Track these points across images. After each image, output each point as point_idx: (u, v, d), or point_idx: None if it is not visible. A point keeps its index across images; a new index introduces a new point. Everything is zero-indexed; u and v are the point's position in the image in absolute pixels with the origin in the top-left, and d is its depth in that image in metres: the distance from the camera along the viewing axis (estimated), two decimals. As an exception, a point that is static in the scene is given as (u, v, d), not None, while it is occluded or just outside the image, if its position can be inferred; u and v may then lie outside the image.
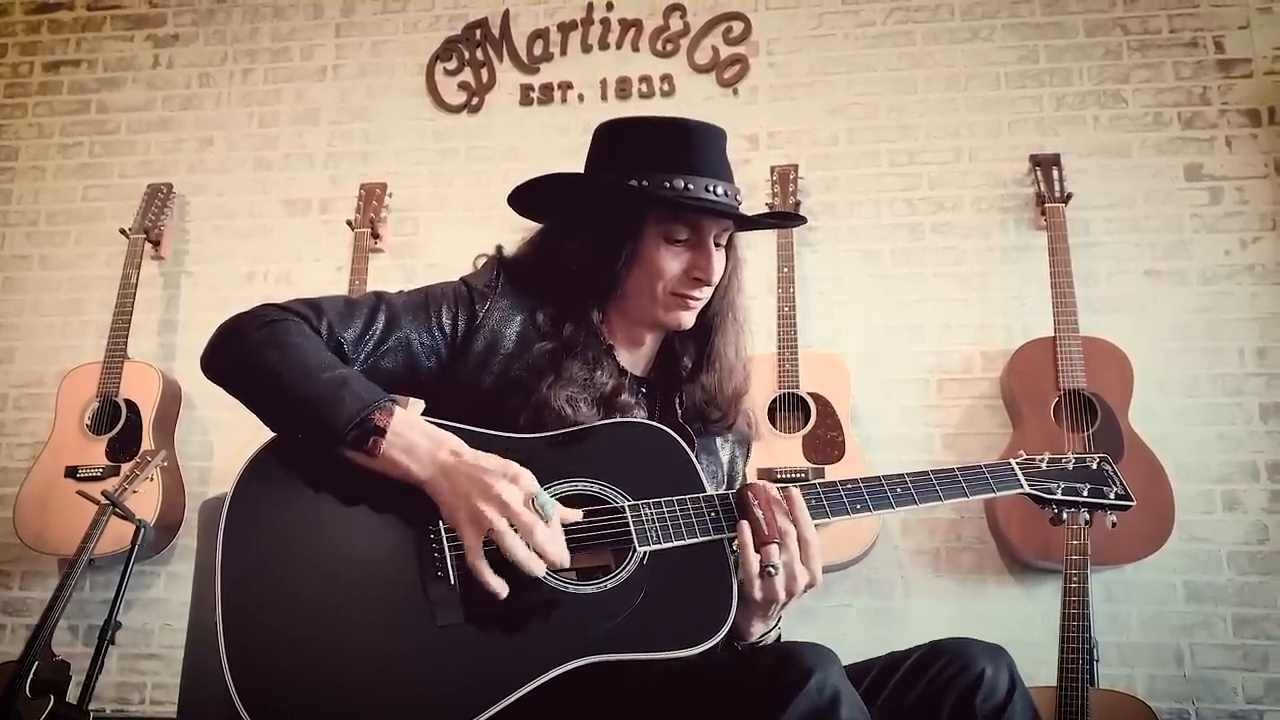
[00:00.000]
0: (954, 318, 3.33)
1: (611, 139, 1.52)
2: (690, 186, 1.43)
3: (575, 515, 1.28)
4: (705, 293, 1.51)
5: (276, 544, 1.24)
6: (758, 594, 1.31)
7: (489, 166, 3.67)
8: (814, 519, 1.37)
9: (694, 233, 1.47)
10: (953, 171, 3.44)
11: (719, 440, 1.61)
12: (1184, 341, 3.20)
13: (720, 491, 1.41)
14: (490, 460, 1.26)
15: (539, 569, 1.21)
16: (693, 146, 1.47)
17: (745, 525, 1.32)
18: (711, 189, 1.44)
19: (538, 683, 1.18)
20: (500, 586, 1.20)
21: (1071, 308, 3.00)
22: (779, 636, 1.45)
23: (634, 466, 1.37)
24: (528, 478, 1.25)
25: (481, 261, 1.58)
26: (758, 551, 1.30)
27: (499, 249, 1.58)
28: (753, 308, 1.67)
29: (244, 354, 1.32)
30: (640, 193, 1.44)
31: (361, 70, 3.83)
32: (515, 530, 1.20)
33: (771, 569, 1.30)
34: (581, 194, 1.51)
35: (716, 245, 1.50)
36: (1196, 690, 2.95)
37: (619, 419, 1.44)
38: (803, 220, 1.76)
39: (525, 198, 1.53)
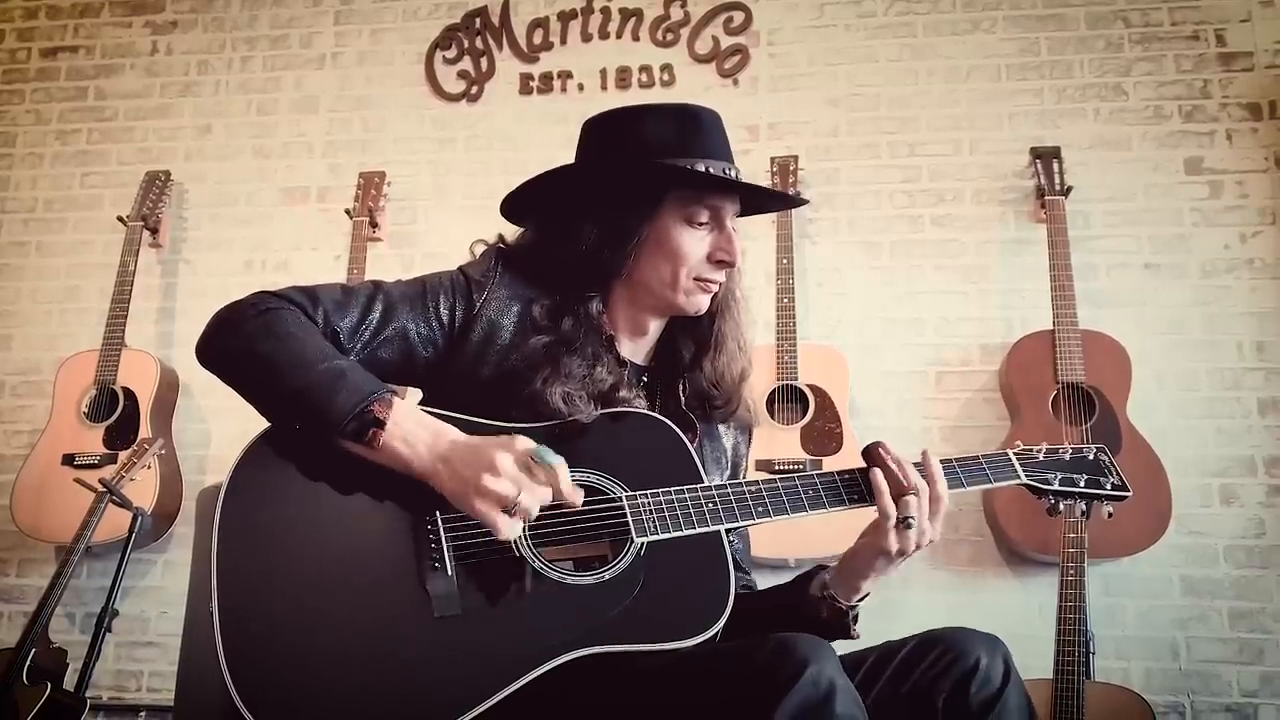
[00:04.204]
0: (953, 310, 3.33)
1: (615, 127, 1.51)
2: (710, 169, 1.44)
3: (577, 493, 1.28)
4: (724, 275, 1.51)
5: (273, 534, 1.23)
6: (893, 545, 1.37)
7: (488, 156, 3.66)
8: (811, 510, 1.37)
9: (713, 215, 1.48)
10: (953, 164, 3.43)
11: (721, 427, 1.60)
12: (1182, 335, 3.19)
13: (719, 482, 1.41)
14: (482, 439, 1.25)
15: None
16: (703, 131, 1.48)
17: (880, 474, 1.37)
18: (726, 171, 1.45)
19: (535, 674, 1.18)
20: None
21: (1070, 301, 3.00)
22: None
23: (632, 457, 1.37)
24: (520, 440, 1.24)
25: (480, 249, 1.57)
26: (895, 502, 1.36)
27: (500, 237, 1.57)
28: (752, 299, 1.67)
29: (239, 343, 1.31)
30: (670, 172, 1.43)
31: (360, 58, 3.82)
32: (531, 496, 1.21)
33: (910, 519, 1.35)
34: (593, 181, 1.50)
35: None
36: (1192, 683, 2.96)
37: (617, 409, 1.43)
38: (805, 201, 1.76)
39: (523, 200, 1.52)
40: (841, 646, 1.21)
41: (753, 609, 1.52)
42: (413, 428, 1.27)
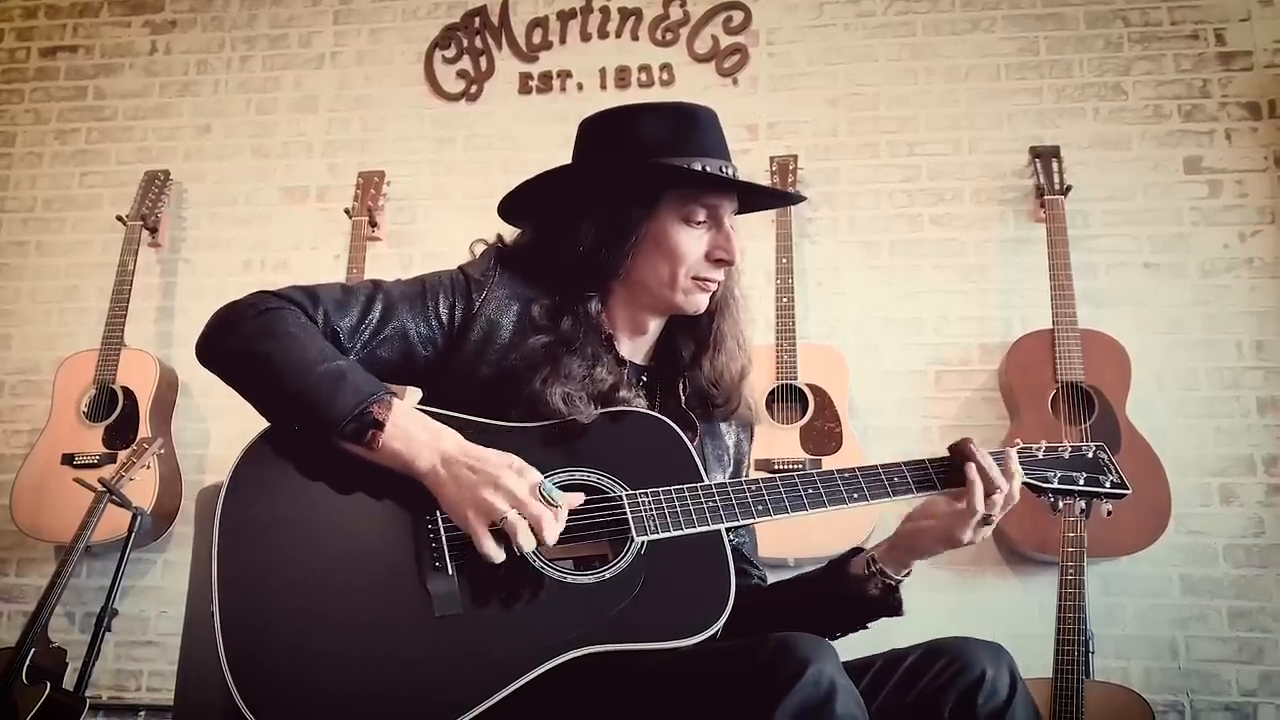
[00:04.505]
0: (952, 310, 3.33)
1: (611, 127, 1.51)
2: (707, 168, 1.44)
3: (578, 499, 1.29)
4: (723, 274, 1.51)
5: (273, 533, 1.23)
6: (968, 537, 1.40)
7: (487, 155, 3.66)
8: (810, 509, 1.37)
9: (711, 214, 1.48)
10: (952, 163, 3.43)
11: (723, 425, 1.60)
12: (1182, 334, 3.19)
13: (719, 480, 1.41)
14: (493, 453, 1.26)
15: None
16: (700, 129, 1.48)
17: (974, 469, 1.38)
18: (723, 169, 1.45)
19: (535, 674, 1.17)
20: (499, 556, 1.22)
21: (1070, 300, 3.00)
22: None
23: (632, 456, 1.37)
24: (532, 470, 1.26)
25: (479, 248, 1.58)
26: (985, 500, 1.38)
27: (499, 237, 1.57)
28: (751, 299, 1.67)
29: (238, 343, 1.31)
30: (666, 171, 1.43)
31: (360, 58, 3.81)
32: (524, 519, 1.21)
33: (993, 517, 1.38)
34: (590, 181, 1.50)
35: None
36: (1191, 682, 2.96)
37: (617, 409, 1.43)
38: (803, 198, 1.76)
39: (520, 200, 1.53)
40: (846, 651, 1.21)
41: (778, 600, 1.53)
42: (412, 429, 1.27)
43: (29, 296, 3.75)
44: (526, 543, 1.21)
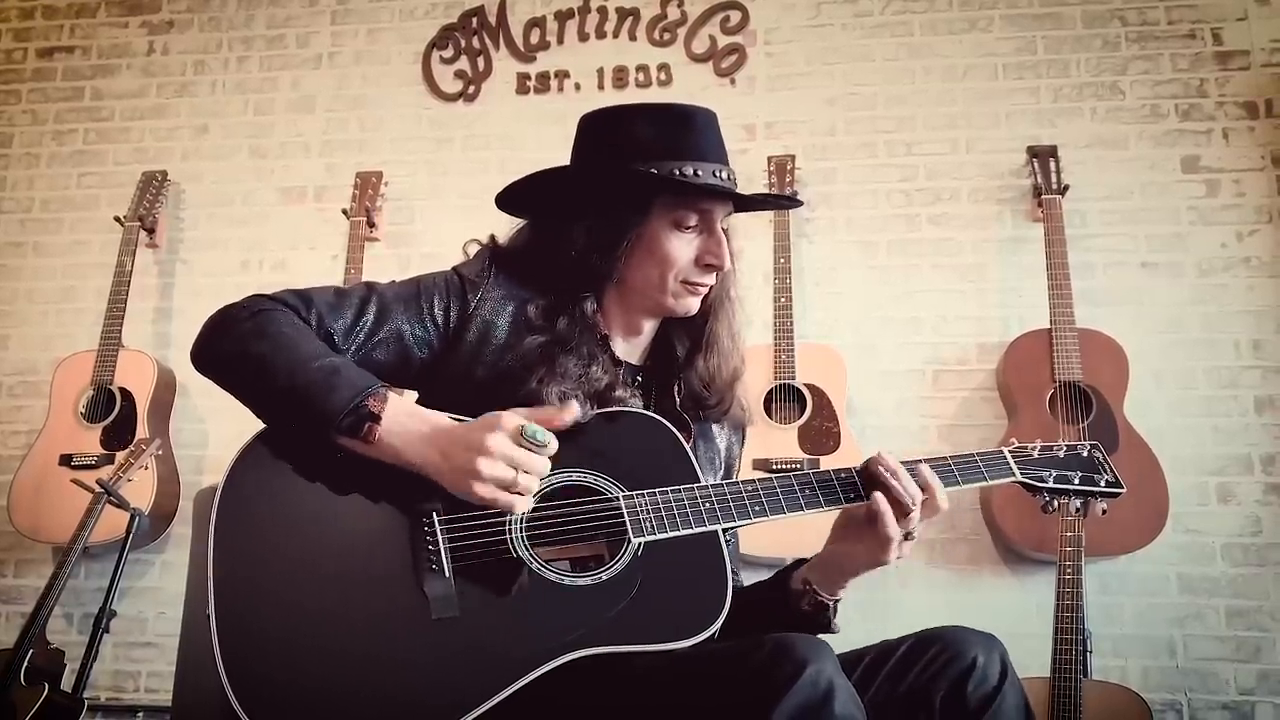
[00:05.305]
0: (950, 309, 3.33)
1: (608, 127, 1.51)
2: (699, 172, 1.43)
3: (572, 414, 1.32)
4: (712, 278, 1.51)
5: (269, 535, 1.23)
6: (893, 556, 1.38)
7: (485, 155, 3.66)
8: (807, 509, 1.37)
9: (703, 219, 1.47)
10: (950, 163, 3.44)
11: (715, 427, 1.60)
12: (1180, 334, 3.20)
13: (715, 481, 1.41)
14: (467, 425, 1.27)
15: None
16: (695, 131, 1.48)
17: (882, 498, 1.36)
18: (716, 173, 1.45)
19: (533, 676, 1.17)
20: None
21: (1067, 300, 3.00)
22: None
23: (628, 457, 1.37)
24: (506, 417, 1.25)
25: (473, 248, 1.57)
26: (899, 521, 1.36)
27: (491, 238, 1.57)
28: (749, 299, 1.67)
29: (232, 345, 1.31)
30: (655, 180, 1.43)
31: (357, 58, 3.81)
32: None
33: (913, 534, 1.38)
34: (583, 184, 1.50)
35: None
36: (1189, 681, 2.96)
37: (614, 409, 1.43)
38: (800, 203, 1.77)
39: (516, 195, 1.53)
40: (838, 645, 1.21)
41: (767, 599, 1.53)
42: (407, 421, 1.27)
43: (26, 297, 3.74)
44: (532, 485, 1.24)
